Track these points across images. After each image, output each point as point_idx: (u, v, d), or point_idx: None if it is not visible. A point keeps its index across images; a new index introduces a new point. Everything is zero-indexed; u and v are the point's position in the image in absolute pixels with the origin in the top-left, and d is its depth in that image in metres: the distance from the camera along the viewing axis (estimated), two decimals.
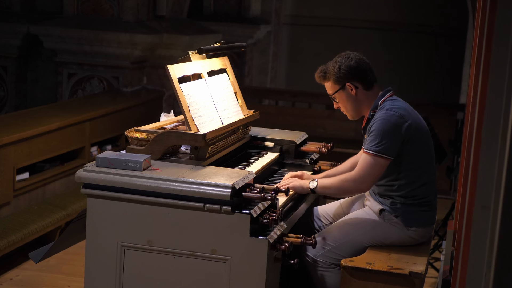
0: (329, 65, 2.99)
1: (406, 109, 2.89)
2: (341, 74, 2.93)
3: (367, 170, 2.80)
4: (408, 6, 9.02)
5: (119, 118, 5.67)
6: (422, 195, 2.93)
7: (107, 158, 2.56)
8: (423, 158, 2.93)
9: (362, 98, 2.96)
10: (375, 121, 2.86)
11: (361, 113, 3.01)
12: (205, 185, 2.44)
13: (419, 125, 2.91)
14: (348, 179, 2.84)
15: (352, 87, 2.94)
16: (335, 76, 2.94)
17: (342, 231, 2.96)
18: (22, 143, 4.45)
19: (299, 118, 7.08)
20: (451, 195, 6.00)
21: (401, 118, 2.83)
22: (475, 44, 2.72)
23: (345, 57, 2.96)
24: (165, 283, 2.52)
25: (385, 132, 2.80)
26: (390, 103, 2.90)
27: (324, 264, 2.93)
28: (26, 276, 4.11)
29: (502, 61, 1.56)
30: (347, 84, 2.94)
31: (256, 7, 8.54)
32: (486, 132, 1.60)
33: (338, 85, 2.96)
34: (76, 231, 2.78)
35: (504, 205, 1.51)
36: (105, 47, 6.26)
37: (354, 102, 2.96)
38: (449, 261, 3.46)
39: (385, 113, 2.84)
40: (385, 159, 2.81)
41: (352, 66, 2.93)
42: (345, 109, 3.02)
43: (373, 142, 2.82)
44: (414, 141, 2.87)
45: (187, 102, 2.76)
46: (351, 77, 2.93)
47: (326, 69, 2.99)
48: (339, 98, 2.99)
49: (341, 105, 3.02)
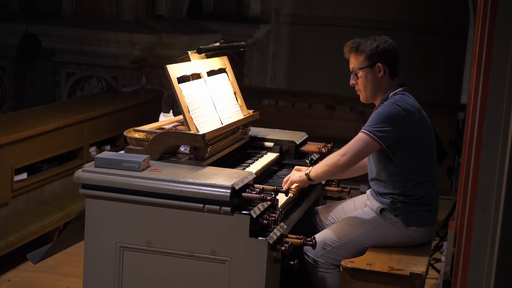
0: (366, 41, 2.94)
1: (413, 106, 2.89)
2: (377, 52, 2.91)
3: (355, 145, 2.81)
4: (408, 5, 9.02)
5: (118, 118, 5.65)
6: (420, 194, 2.92)
7: (105, 159, 2.55)
8: (423, 157, 2.92)
9: (384, 84, 2.94)
10: (380, 108, 2.87)
11: (375, 97, 2.98)
12: (205, 186, 2.43)
13: (424, 124, 2.91)
14: (334, 154, 2.86)
15: (382, 69, 2.92)
16: (370, 52, 2.91)
17: (343, 231, 2.95)
18: (20, 143, 4.44)
19: (299, 118, 7.07)
20: (452, 195, 5.99)
21: (406, 113, 2.84)
22: (476, 44, 2.71)
23: (384, 40, 2.95)
24: (165, 284, 2.51)
25: (386, 119, 2.81)
26: (400, 97, 2.90)
27: (324, 265, 2.92)
28: (24, 277, 4.10)
29: (503, 61, 1.55)
30: (378, 64, 2.92)
31: (256, 7, 8.53)
32: (487, 133, 1.59)
33: (368, 62, 2.92)
34: (75, 232, 2.77)
35: (505, 205, 1.51)
36: (103, 47, 6.24)
37: (376, 84, 2.94)
38: (450, 262, 3.44)
39: (393, 102, 2.86)
40: (376, 142, 2.81)
41: (390, 50, 2.93)
42: (363, 88, 2.97)
43: (370, 123, 2.83)
44: (415, 138, 2.87)
45: (186, 102, 2.75)
46: (384, 59, 2.92)
47: (361, 43, 2.95)
48: (363, 75, 2.94)
49: (360, 83, 2.96)
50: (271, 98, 8.02)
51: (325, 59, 9.30)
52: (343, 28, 9.12)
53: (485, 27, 2.02)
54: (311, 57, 9.38)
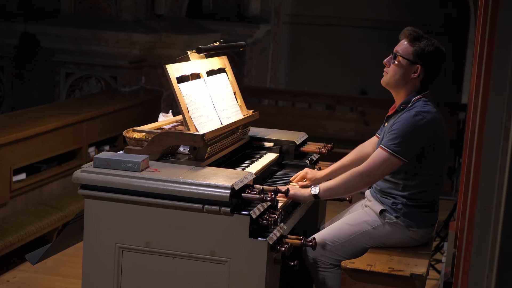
0: (424, 39, 2.87)
1: (435, 116, 2.84)
2: (424, 54, 2.85)
3: (378, 165, 2.78)
4: (409, 5, 9.01)
5: (117, 118, 5.64)
6: (426, 199, 2.91)
7: (104, 159, 2.53)
8: (437, 166, 2.90)
9: (411, 84, 2.89)
10: (401, 120, 2.82)
11: (396, 89, 2.92)
12: (204, 186, 2.42)
13: (442, 134, 2.89)
14: (354, 173, 2.81)
15: (418, 71, 2.87)
16: (420, 51, 2.85)
17: (342, 231, 2.93)
18: (19, 144, 4.42)
19: (299, 118, 7.06)
20: (453, 196, 5.98)
21: (427, 124, 2.80)
22: (477, 44, 2.70)
23: (440, 50, 2.88)
24: (164, 285, 2.50)
25: (407, 135, 2.77)
26: (422, 104, 2.84)
27: (323, 264, 2.90)
28: (23, 278, 4.08)
29: (504, 61, 1.55)
30: (418, 66, 2.86)
31: (256, 6, 8.51)
32: (488, 133, 1.59)
33: (413, 57, 2.86)
34: (74, 233, 2.76)
35: (506, 206, 1.51)
36: (102, 47, 6.23)
37: (404, 79, 2.88)
38: (450, 263, 3.44)
39: (413, 115, 2.80)
40: (399, 159, 2.79)
41: (437, 59, 2.87)
42: (392, 73, 2.90)
43: (393, 141, 2.79)
44: (433, 148, 2.85)
45: (186, 102, 2.73)
46: (427, 64, 2.86)
47: (419, 37, 2.87)
48: (400, 64, 2.87)
49: (392, 68, 2.89)
50: (271, 98, 8.01)
51: (325, 59, 9.30)
52: (343, 27, 9.12)
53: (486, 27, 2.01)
54: (311, 57, 9.37)
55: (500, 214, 1.52)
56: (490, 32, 1.76)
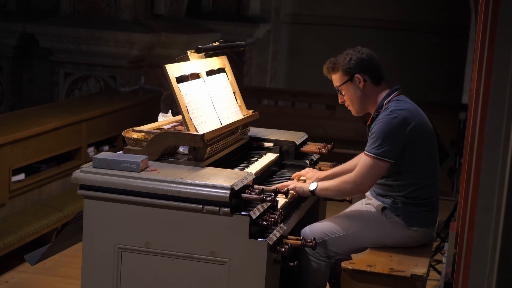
0: (339, 57, 2.97)
1: (410, 111, 2.85)
2: (351, 65, 2.91)
3: (366, 172, 2.79)
4: (409, 5, 9.00)
5: (117, 118, 5.63)
6: (423, 196, 2.91)
7: (104, 159, 2.53)
8: (426, 160, 2.90)
9: (369, 93, 2.93)
10: (377, 123, 2.84)
11: (366, 109, 2.97)
12: (204, 187, 2.41)
13: (424, 126, 2.88)
14: (347, 180, 2.83)
15: (361, 79, 2.91)
16: (344, 66, 2.92)
17: (343, 224, 2.92)
18: (18, 144, 4.41)
19: (298, 118, 7.05)
20: (453, 196, 5.98)
21: (403, 121, 2.81)
22: (478, 44, 2.70)
23: (356, 50, 2.95)
24: (163, 285, 2.49)
25: (386, 135, 2.78)
26: (395, 104, 2.87)
27: (317, 255, 2.88)
28: (22, 279, 4.08)
29: (504, 61, 1.55)
30: (356, 76, 2.91)
31: (255, 6, 8.50)
32: (489, 133, 1.59)
33: (346, 76, 2.93)
34: (73, 233, 2.76)
35: (507, 206, 1.52)
36: (102, 46, 6.22)
37: (361, 96, 2.93)
38: (451, 263, 3.43)
39: (388, 115, 2.82)
40: (384, 161, 2.79)
41: (363, 59, 2.92)
42: (351, 103, 2.98)
43: (373, 145, 2.80)
44: (416, 143, 2.85)
45: (185, 102, 2.73)
46: (361, 69, 2.91)
47: (335, 61, 2.98)
48: (346, 90, 2.95)
49: (346, 98, 2.97)
50: (271, 98, 8.00)
51: (325, 58, 9.27)
52: (343, 27, 9.10)
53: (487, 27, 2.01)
54: (311, 56, 9.36)
55: (501, 214, 1.53)
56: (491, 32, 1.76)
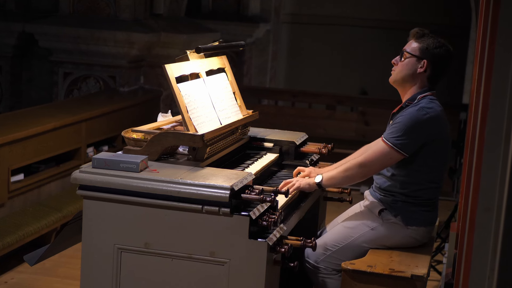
0: (432, 37, 2.93)
1: (439, 113, 2.86)
2: (431, 50, 2.89)
3: (377, 157, 2.79)
4: (409, 4, 8.99)
5: (116, 119, 5.62)
6: (426, 197, 2.91)
7: (103, 159, 2.52)
8: (437, 164, 2.90)
9: (418, 79, 2.91)
10: (404, 114, 2.83)
11: (403, 85, 2.95)
12: (203, 187, 2.40)
13: (444, 132, 2.89)
14: (354, 164, 2.83)
15: (424, 66, 2.89)
16: (426, 47, 2.89)
17: (342, 234, 2.93)
18: (17, 144, 4.41)
19: (298, 118, 7.04)
20: (454, 196, 5.97)
21: (430, 120, 2.81)
22: (478, 44, 2.69)
23: (446, 47, 2.92)
24: (163, 286, 2.49)
25: (409, 129, 2.78)
26: (426, 101, 2.86)
27: (325, 270, 2.90)
28: (21, 279, 4.07)
29: (505, 61, 1.55)
30: (424, 60, 2.89)
31: (255, 5, 8.49)
32: (489, 133, 1.59)
33: (419, 53, 2.90)
34: (72, 234, 2.75)
35: (507, 207, 1.52)
36: (101, 46, 6.21)
37: (411, 74, 2.91)
38: (451, 264, 3.43)
39: (418, 110, 2.82)
40: (399, 153, 2.79)
41: (443, 56, 2.90)
42: (399, 70, 2.95)
43: (394, 134, 2.80)
44: (434, 146, 2.85)
45: (185, 102, 2.72)
46: (432, 61, 2.89)
47: (425, 35, 2.94)
48: (407, 60, 2.92)
49: (400, 65, 2.94)
50: (271, 98, 7.99)
51: (325, 58, 9.28)
52: (343, 27, 9.10)
53: (487, 27, 2.00)
54: (311, 56, 9.35)
55: (501, 215, 1.53)
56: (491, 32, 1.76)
